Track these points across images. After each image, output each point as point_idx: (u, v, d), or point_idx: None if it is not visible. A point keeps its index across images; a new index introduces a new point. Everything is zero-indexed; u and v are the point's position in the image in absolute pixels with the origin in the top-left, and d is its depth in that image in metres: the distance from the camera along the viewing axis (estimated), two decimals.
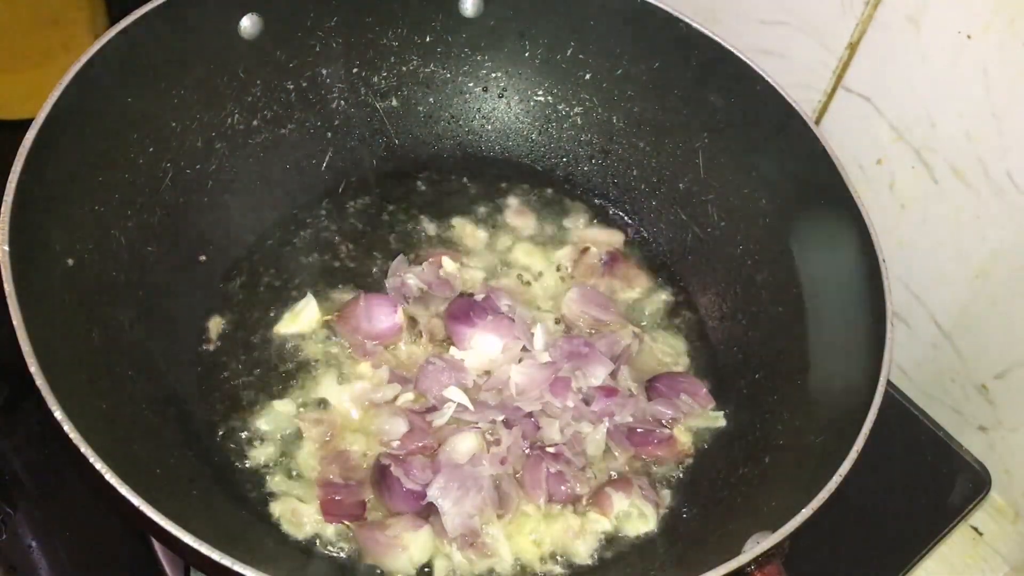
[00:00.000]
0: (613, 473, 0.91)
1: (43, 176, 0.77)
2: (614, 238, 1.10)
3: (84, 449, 0.64)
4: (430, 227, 1.08)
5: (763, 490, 0.84)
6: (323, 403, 0.91)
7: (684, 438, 0.94)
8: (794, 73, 1.07)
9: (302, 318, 0.96)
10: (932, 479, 1.06)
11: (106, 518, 0.87)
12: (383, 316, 0.95)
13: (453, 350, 0.95)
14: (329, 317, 0.97)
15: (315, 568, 0.81)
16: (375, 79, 1.10)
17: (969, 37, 0.92)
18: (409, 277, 0.99)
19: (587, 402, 0.93)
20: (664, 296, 1.07)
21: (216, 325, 0.95)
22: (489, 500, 0.84)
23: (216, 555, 0.63)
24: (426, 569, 0.82)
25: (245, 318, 0.96)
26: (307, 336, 0.96)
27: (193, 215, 0.97)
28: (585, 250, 1.07)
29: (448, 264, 1.02)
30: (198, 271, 0.97)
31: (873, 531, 1.00)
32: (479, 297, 0.98)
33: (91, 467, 0.64)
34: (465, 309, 0.96)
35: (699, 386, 0.97)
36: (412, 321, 0.97)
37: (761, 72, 0.98)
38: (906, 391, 1.13)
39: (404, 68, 1.11)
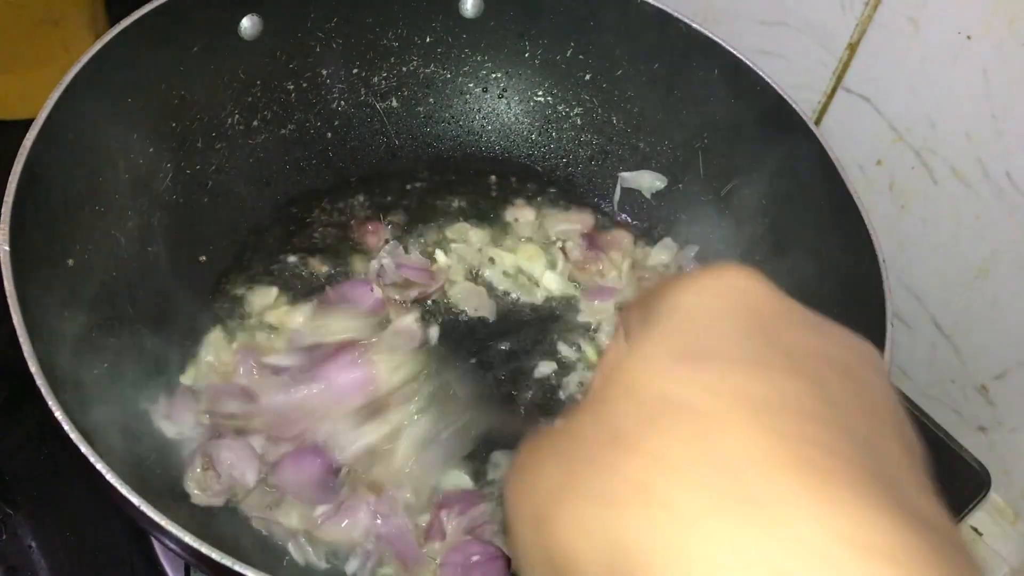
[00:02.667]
0: None
1: (43, 176, 0.77)
2: (584, 219, 1.10)
3: (84, 449, 0.64)
4: (430, 227, 1.07)
5: None
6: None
7: None
8: (794, 73, 1.07)
9: (299, 323, 0.96)
10: (932, 478, 1.05)
11: (106, 518, 0.87)
12: (364, 294, 0.96)
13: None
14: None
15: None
16: (375, 80, 1.10)
17: (969, 38, 0.92)
18: (384, 257, 1.00)
19: None
20: (653, 247, 1.08)
21: (216, 323, 0.95)
22: None
23: (216, 555, 0.63)
24: None
25: (245, 317, 0.96)
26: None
27: (193, 215, 0.97)
28: (564, 248, 1.07)
29: (441, 258, 1.02)
30: (198, 271, 0.97)
31: None
32: None
33: (91, 467, 0.64)
34: None
35: None
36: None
37: (761, 72, 0.98)
38: (906, 391, 1.13)
39: (404, 69, 1.11)
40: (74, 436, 0.64)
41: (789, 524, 0.27)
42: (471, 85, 1.14)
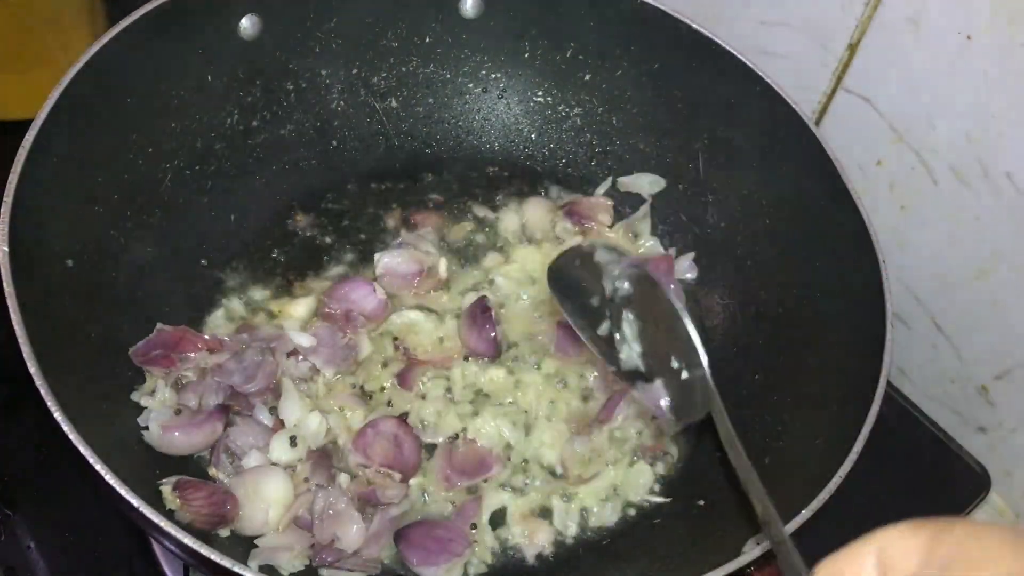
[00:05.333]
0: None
1: (43, 176, 0.77)
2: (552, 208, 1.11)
3: (84, 449, 0.64)
4: (429, 227, 1.07)
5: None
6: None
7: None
8: (794, 74, 1.07)
9: (300, 315, 0.96)
10: (932, 480, 1.06)
11: (106, 518, 0.87)
12: (367, 296, 0.96)
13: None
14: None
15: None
16: (375, 80, 1.10)
17: (969, 38, 0.92)
18: (385, 256, 1.00)
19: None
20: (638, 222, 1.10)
21: (216, 321, 0.95)
22: None
23: (216, 555, 0.63)
24: None
25: (244, 315, 0.96)
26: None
27: (193, 215, 0.97)
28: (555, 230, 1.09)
29: (442, 266, 1.01)
30: (198, 271, 0.97)
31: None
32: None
33: (91, 467, 0.64)
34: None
35: None
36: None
37: (761, 73, 0.98)
38: (906, 392, 1.13)
39: (404, 69, 1.11)
40: (73, 436, 0.64)
41: None
42: (471, 85, 1.14)
